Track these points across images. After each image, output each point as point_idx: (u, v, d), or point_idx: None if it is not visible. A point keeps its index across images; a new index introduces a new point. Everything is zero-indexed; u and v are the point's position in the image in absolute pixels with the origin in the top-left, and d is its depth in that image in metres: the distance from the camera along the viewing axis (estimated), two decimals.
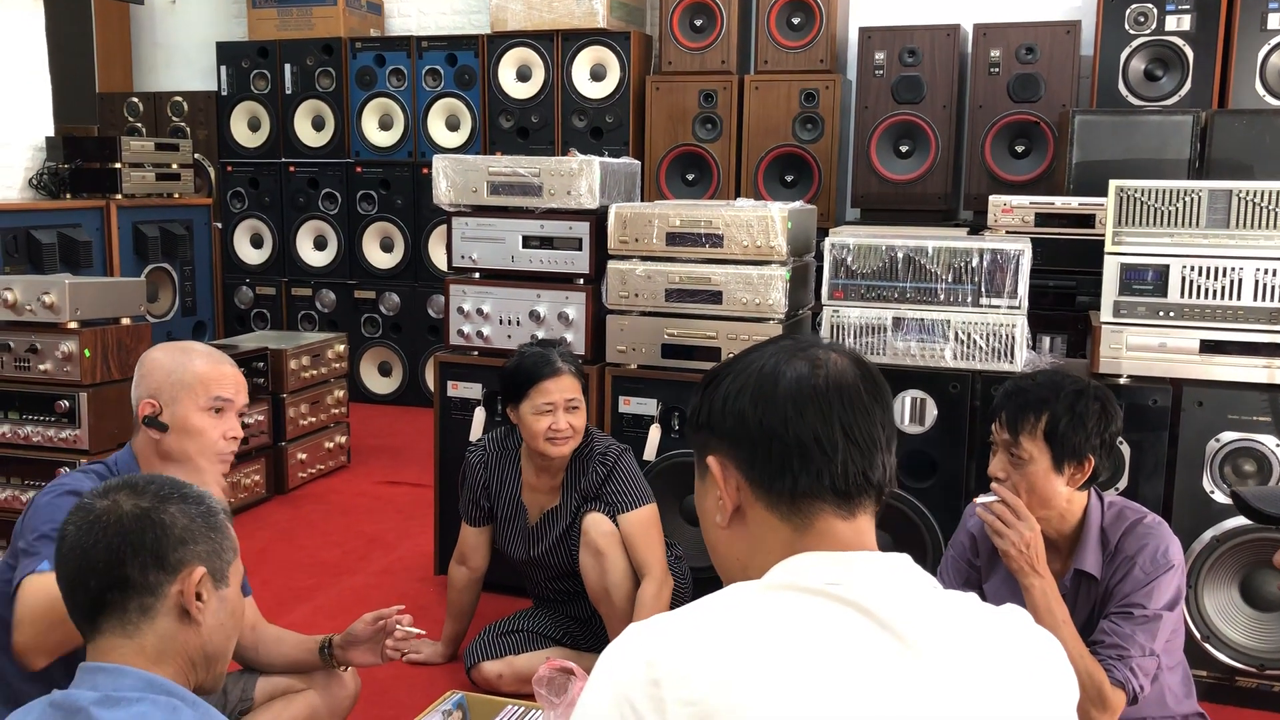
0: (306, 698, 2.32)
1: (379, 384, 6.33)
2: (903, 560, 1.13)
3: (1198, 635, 2.82)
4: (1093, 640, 2.16)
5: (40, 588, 1.83)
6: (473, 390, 3.53)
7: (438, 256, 6.03)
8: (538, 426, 2.77)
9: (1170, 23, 4.72)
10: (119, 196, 5.15)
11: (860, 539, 1.15)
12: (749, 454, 1.15)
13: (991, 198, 4.28)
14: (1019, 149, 5.05)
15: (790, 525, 1.13)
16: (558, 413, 2.76)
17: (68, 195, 5.16)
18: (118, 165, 5.15)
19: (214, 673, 1.52)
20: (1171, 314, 2.86)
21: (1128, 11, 4.77)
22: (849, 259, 3.04)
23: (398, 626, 2.26)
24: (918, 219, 5.07)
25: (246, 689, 2.31)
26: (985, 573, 2.38)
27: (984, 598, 2.41)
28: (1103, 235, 2.92)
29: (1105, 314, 2.91)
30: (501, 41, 5.86)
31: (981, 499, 2.26)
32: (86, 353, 3.56)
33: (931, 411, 2.99)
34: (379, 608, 2.33)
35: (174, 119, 6.65)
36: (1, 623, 1.99)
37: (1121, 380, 2.89)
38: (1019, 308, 2.93)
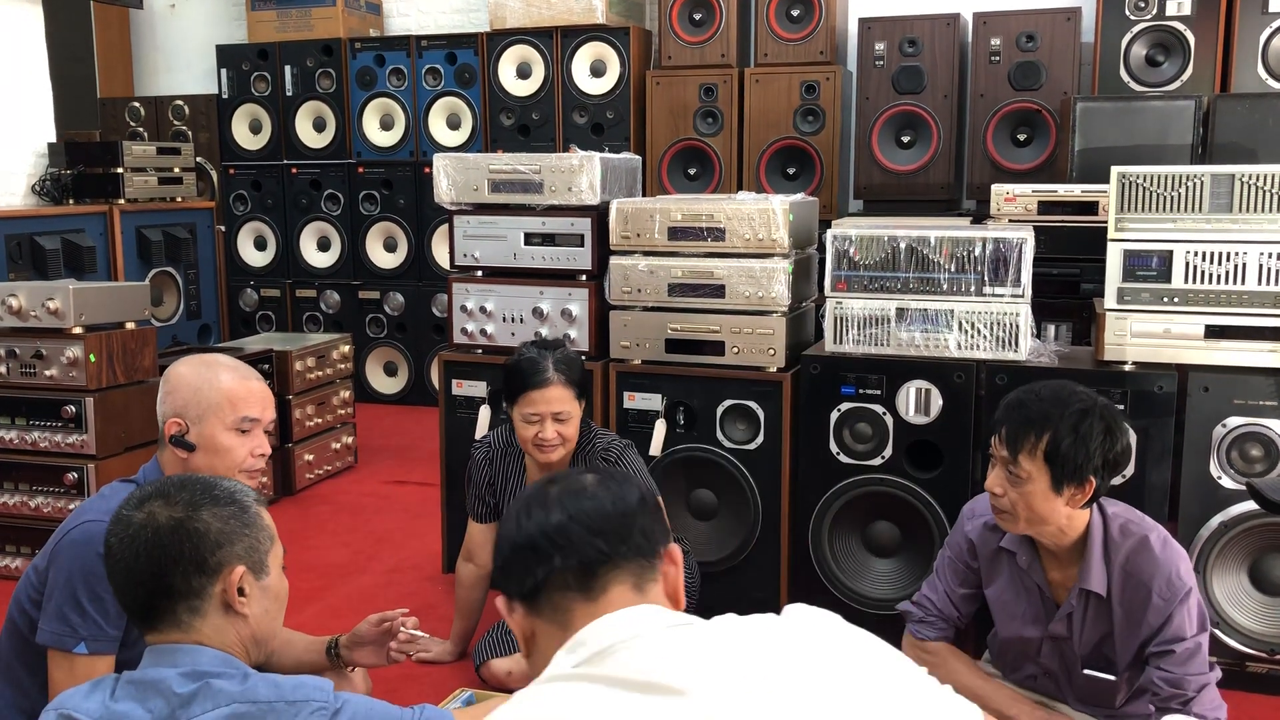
0: None
1: (384, 384, 6.34)
2: (643, 615, 1.18)
3: (1207, 621, 2.82)
4: (1147, 690, 2.15)
5: (67, 679, 1.86)
6: (477, 388, 3.54)
7: (441, 255, 6.04)
8: (525, 434, 2.78)
9: (1171, 7, 4.70)
10: (122, 201, 5.16)
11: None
12: (510, 578, 1.25)
13: (994, 186, 4.27)
14: (1021, 137, 5.04)
15: (556, 625, 1.21)
16: (545, 422, 2.75)
17: (71, 201, 5.17)
18: (120, 170, 5.16)
19: (264, 651, 1.62)
20: (1176, 300, 2.85)
21: None
22: (851, 250, 3.04)
23: (402, 629, 2.26)
24: (920, 209, 5.06)
25: None
26: (987, 578, 2.37)
27: (985, 602, 2.42)
28: (1106, 222, 2.91)
29: (1109, 301, 2.90)
30: (501, 39, 5.85)
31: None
32: (92, 357, 3.57)
33: (936, 402, 2.99)
34: (388, 607, 2.33)
35: (175, 123, 6.65)
36: (16, 632, 1.99)
37: (1126, 367, 2.88)
38: (1022, 296, 2.92)
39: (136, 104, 6.75)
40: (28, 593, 1.98)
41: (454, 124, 6.09)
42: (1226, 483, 2.82)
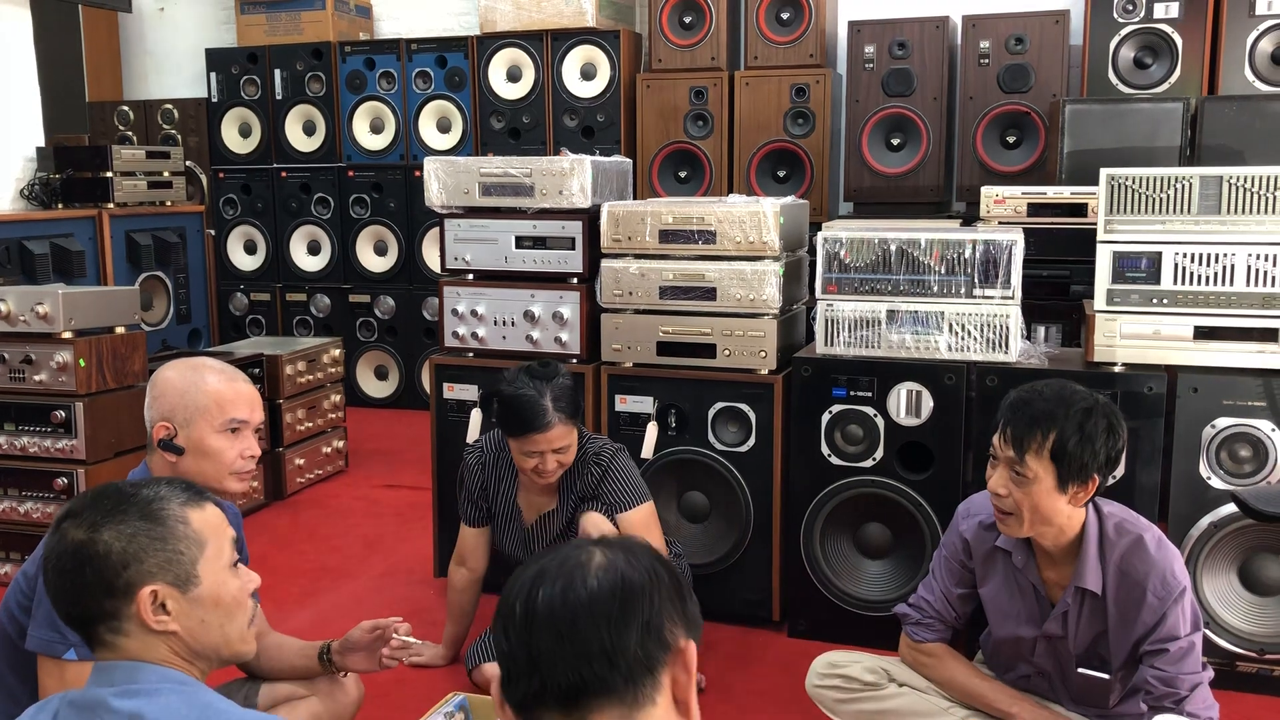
0: (309, 705, 2.31)
1: (375, 387, 6.33)
2: None
3: (1200, 621, 2.83)
4: (1141, 689, 2.16)
5: (58, 685, 1.84)
6: (469, 392, 3.53)
7: (432, 259, 6.03)
8: (524, 464, 2.78)
9: (1158, 10, 4.72)
10: (111, 205, 5.14)
11: None
12: (502, 679, 1.14)
13: (984, 189, 4.28)
14: (1010, 140, 5.06)
15: None
16: (545, 456, 2.75)
17: (60, 205, 5.15)
18: (109, 174, 5.14)
19: (220, 659, 1.54)
20: (1165, 301, 2.86)
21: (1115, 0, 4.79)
22: (842, 253, 3.04)
23: (394, 635, 2.25)
24: (910, 212, 5.07)
25: (249, 697, 2.31)
26: (981, 577, 2.38)
27: (980, 601, 2.42)
28: (1095, 224, 2.92)
29: (1099, 302, 2.91)
30: (491, 42, 5.85)
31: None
32: (81, 362, 3.56)
33: (927, 404, 2.99)
34: (379, 612, 2.33)
35: (165, 126, 6.64)
36: (6, 638, 1.98)
37: (1116, 368, 2.89)
38: (1012, 298, 2.93)
39: (125, 108, 6.74)
40: (17, 599, 1.97)
41: (444, 127, 6.08)
42: (1216, 483, 2.83)
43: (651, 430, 3.29)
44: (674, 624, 1.12)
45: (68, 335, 3.58)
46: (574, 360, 3.41)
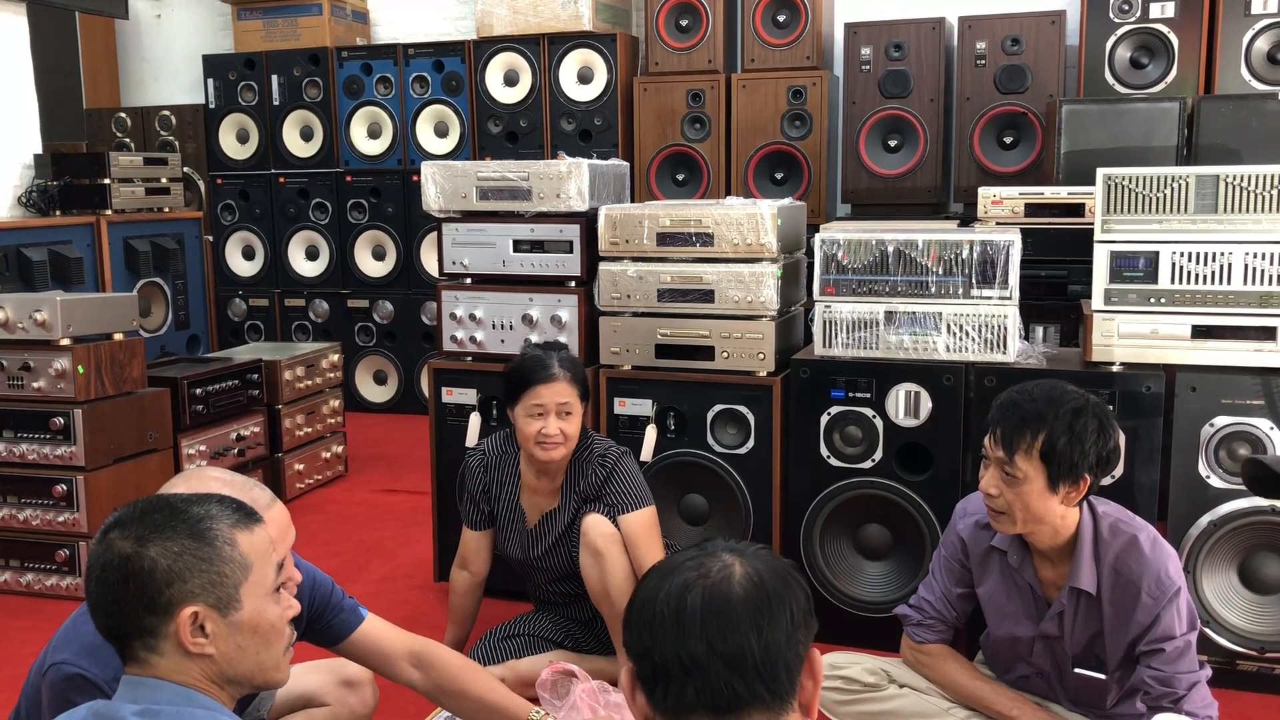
0: (328, 714, 2.31)
1: (374, 392, 6.33)
2: None
3: (1196, 620, 2.82)
4: (1139, 690, 2.16)
5: None
6: (467, 396, 3.53)
7: (430, 263, 6.03)
8: (528, 430, 2.78)
9: (1154, 10, 4.73)
10: (109, 212, 5.15)
11: None
12: (639, 679, 1.18)
13: (981, 189, 4.28)
14: (1007, 140, 5.06)
15: None
16: (548, 417, 2.76)
17: (57, 212, 5.16)
18: (107, 181, 5.15)
19: (252, 685, 1.52)
20: (1162, 300, 2.86)
21: (1112, 0, 4.79)
22: (840, 254, 3.05)
23: None
24: (908, 213, 5.08)
25: (262, 702, 2.30)
26: (978, 577, 2.38)
27: (978, 601, 2.42)
28: (1092, 224, 2.92)
29: (1096, 302, 2.92)
30: (488, 47, 5.86)
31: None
32: (80, 369, 3.56)
33: (926, 404, 3.00)
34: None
35: (162, 133, 6.64)
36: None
37: (1114, 367, 2.89)
38: (1010, 298, 2.93)
39: (123, 114, 6.74)
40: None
41: (442, 132, 6.08)
42: (1215, 482, 2.83)
43: (650, 433, 3.29)
44: (807, 633, 1.18)
45: (66, 342, 3.58)
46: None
